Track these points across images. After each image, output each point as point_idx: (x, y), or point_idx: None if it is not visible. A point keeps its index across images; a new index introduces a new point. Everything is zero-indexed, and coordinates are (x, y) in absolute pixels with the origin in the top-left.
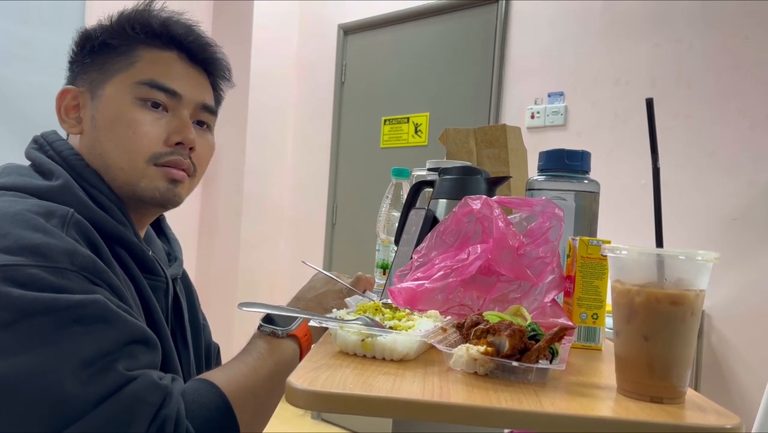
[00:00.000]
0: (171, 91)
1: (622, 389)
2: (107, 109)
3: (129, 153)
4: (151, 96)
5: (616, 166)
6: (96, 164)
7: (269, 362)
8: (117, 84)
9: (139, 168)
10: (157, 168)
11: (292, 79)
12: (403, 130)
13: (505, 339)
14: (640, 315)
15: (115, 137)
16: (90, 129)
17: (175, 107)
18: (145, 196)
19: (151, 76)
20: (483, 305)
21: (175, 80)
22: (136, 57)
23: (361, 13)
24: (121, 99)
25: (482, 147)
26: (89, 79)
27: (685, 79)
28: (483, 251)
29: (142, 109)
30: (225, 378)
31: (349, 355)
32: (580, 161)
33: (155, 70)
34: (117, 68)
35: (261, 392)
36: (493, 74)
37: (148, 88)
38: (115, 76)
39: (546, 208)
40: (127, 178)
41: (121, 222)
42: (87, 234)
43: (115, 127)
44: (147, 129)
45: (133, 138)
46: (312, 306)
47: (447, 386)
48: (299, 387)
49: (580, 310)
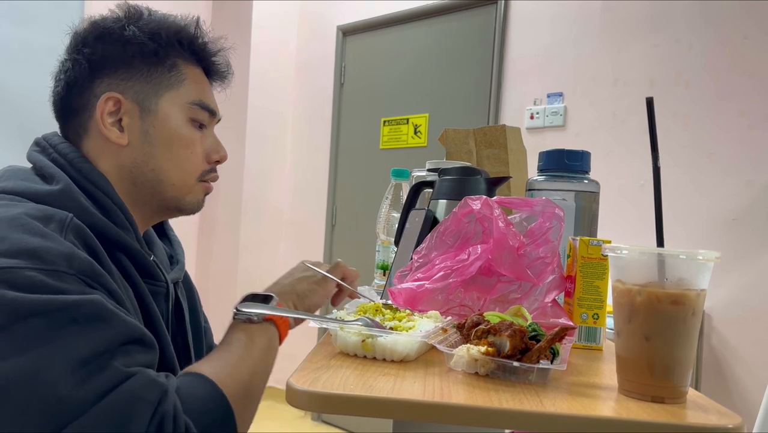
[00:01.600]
0: (212, 111)
1: (624, 389)
2: (165, 128)
3: (184, 171)
4: (199, 117)
5: (616, 167)
6: (142, 178)
7: (252, 349)
8: (171, 102)
9: (189, 185)
10: (201, 184)
11: (291, 81)
12: (403, 131)
13: (506, 339)
14: (641, 315)
15: (173, 156)
16: (141, 143)
17: (209, 124)
18: (186, 208)
19: (199, 96)
20: (483, 305)
21: (210, 98)
22: (183, 74)
23: (360, 14)
24: (178, 118)
25: (482, 147)
26: (135, 89)
27: (683, 79)
28: (483, 251)
29: (193, 129)
30: (214, 369)
31: (349, 356)
32: (580, 161)
33: (199, 89)
34: (167, 84)
35: (250, 380)
36: (492, 75)
37: (198, 109)
38: (167, 92)
39: (546, 209)
40: (177, 193)
41: (124, 227)
42: (85, 239)
43: (173, 147)
44: (199, 149)
45: (190, 158)
46: (286, 291)
47: (448, 387)
48: (300, 388)
49: (581, 310)
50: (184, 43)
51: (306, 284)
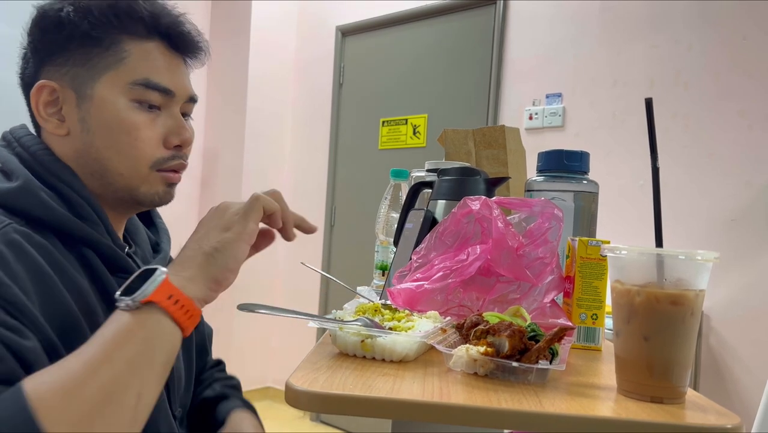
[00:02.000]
0: (165, 90)
1: (623, 389)
2: (102, 114)
3: (131, 159)
4: (146, 98)
5: (615, 167)
6: (89, 168)
7: (114, 352)
8: (108, 84)
9: (141, 174)
10: (158, 173)
11: (290, 81)
12: (402, 131)
13: (505, 340)
14: (640, 315)
15: (114, 144)
16: (80, 132)
17: (167, 105)
18: (144, 201)
19: (144, 74)
20: (482, 305)
21: (166, 76)
22: (124, 51)
23: (359, 14)
24: (116, 102)
25: (481, 148)
26: (71, 74)
27: (683, 80)
28: (482, 251)
29: (139, 111)
30: (40, 380)
31: (348, 356)
32: (579, 162)
33: (146, 66)
34: (104, 65)
35: (103, 397)
36: (491, 75)
37: (143, 89)
38: (104, 75)
39: (545, 209)
40: (127, 183)
41: (91, 220)
42: (18, 248)
43: (113, 134)
44: (147, 134)
45: (134, 144)
46: (189, 255)
47: (447, 387)
48: (299, 388)
49: (580, 310)
50: (122, 17)
51: (215, 234)
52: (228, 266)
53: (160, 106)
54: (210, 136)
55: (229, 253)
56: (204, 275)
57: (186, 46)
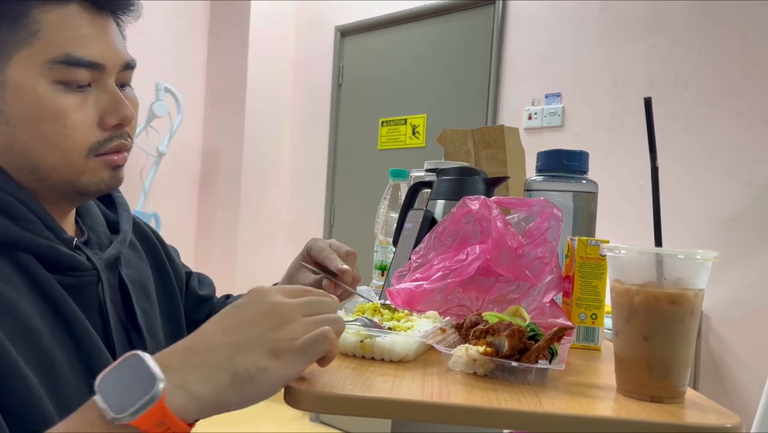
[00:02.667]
0: (93, 64)
1: (622, 389)
2: (21, 102)
3: (63, 150)
4: (71, 77)
5: (614, 167)
6: (17, 164)
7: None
8: (22, 65)
9: (77, 164)
10: (97, 159)
11: (289, 82)
12: (401, 131)
13: (504, 339)
14: (640, 315)
15: (40, 135)
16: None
17: (98, 80)
18: (89, 191)
19: (63, 49)
20: (482, 305)
21: (91, 46)
22: (36, 23)
23: (358, 14)
24: (36, 86)
25: (480, 148)
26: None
27: (682, 80)
28: (481, 251)
29: (64, 94)
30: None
31: (348, 356)
32: (578, 161)
33: (65, 38)
34: (14, 42)
35: None
36: (491, 75)
37: (65, 67)
38: (17, 54)
39: (544, 209)
40: (63, 176)
41: (24, 218)
42: None
43: (37, 123)
44: (77, 118)
45: (63, 133)
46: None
47: (446, 387)
48: (299, 389)
49: (579, 310)
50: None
51: (257, 354)
52: (253, 399)
53: (89, 82)
54: (209, 136)
55: (263, 388)
56: (218, 399)
57: (112, 2)
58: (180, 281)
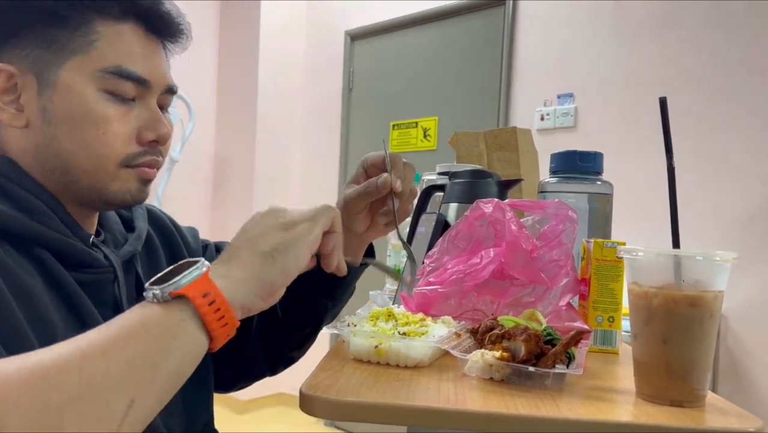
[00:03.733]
0: (141, 80)
1: (641, 392)
2: (67, 103)
3: (98, 156)
4: (118, 88)
5: (627, 168)
6: (49, 165)
7: (111, 339)
8: (75, 71)
9: (109, 172)
10: (129, 170)
11: (300, 87)
12: (412, 134)
13: (520, 344)
14: (658, 318)
15: (79, 138)
16: (40, 123)
17: (142, 96)
18: (114, 200)
19: (116, 61)
20: (497, 309)
21: (141, 64)
22: (94, 34)
23: (368, 19)
24: (84, 91)
25: (492, 150)
26: (32, 57)
27: (695, 79)
28: (496, 254)
29: (109, 103)
30: (10, 360)
31: (362, 362)
32: (592, 162)
33: (119, 51)
34: (71, 48)
35: (71, 380)
36: (502, 77)
37: (115, 78)
38: (71, 59)
39: (559, 211)
40: (93, 182)
41: (41, 212)
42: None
43: (79, 126)
44: (118, 128)
45: (102, 139)
46: (241, 247)
47: (463, 393)
48: (314, 396)
49: (596, 313)
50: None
51: (274, 234)
52: (287, 270)
53: (134, 97)
54: (221, 142)
55: (291, 255)
56: (256, 279)
57: (165, 29)
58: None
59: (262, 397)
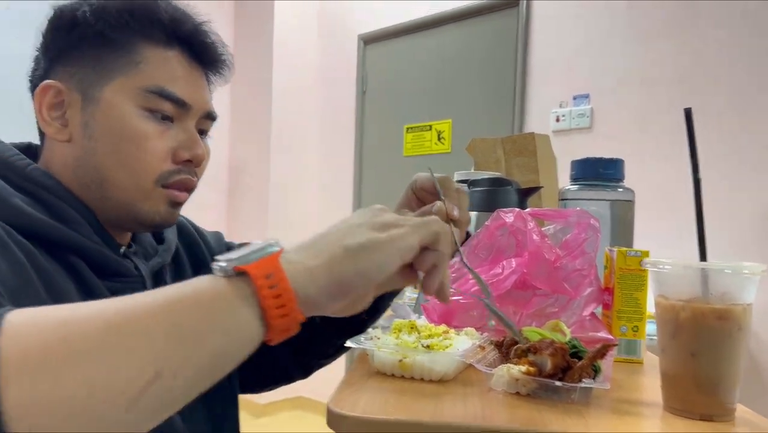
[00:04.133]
0: (181, 102)
1: (669, 406)
2: (108, 119)
3: (134, 172)
4: (159, 107)
5: (645, 168)
6: (87, 178)
7: (158, 303)
8: (119, 89)
9: (144, 190)
10: (162, 190)
11: (314, 91)
12: (426, 137)
13: (547, 358)
14: (686, 331)
15: (117, 153)
16: (82, 138)
17: (181, 117)
18: (144, 219)
19: (159, 82)
20: (520, 320)
21: (182, 87)
22: (140, 57)
23: (381, 22)
24: (125, 108)
25: (511, 156)
26: (79, 75)
27: (713, 76)
28: (518, 265)
29: (148, 121)
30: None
31: (386, 375)
32: (614, 170)
33: (162, 74)
34: (117, 68)
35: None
36: (516, 78)
37: (157, 98)
38: (116, 79)
39: (581, 219)
40: (127, 198)
41: (72, 221)
42: (2, 239)
43: (118, 142)
44: (155, 145)
45: (139, 156)
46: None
47: (490, 408)
48: (341, 413)
49: (620, 322)
50: (141, 19)
51: (364, 231)
52: (367, 272)
53: (173, 117)
54: (235, 148)
55: (376, 257)
56: (331, 272)
57: (208, 59)
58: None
59: (280, 400)
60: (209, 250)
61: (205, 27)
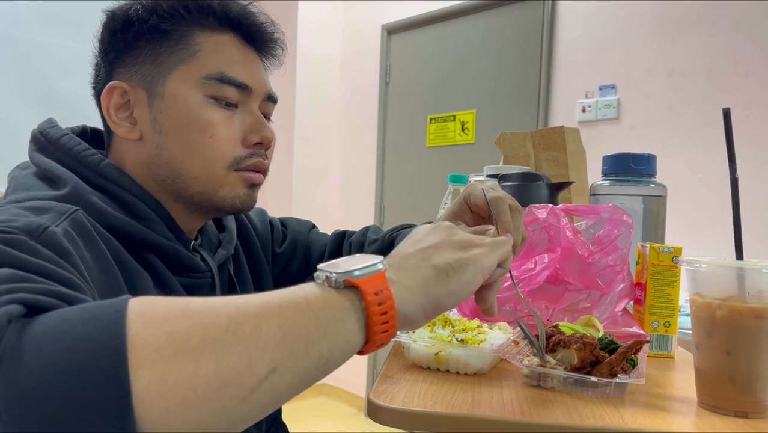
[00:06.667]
0: (242, 86)
1: (704, 402)
2: (174, 111)
3: (206, 160)
4: (222, 93)
5: (672, 160)
6: (161, 174)
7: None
8: (180, 79)
9: (218, 176)
10: (237, 174)
11: (337, 82)
12: (450, 128)
13: (573, 352)
14: (722, 329)
15: (188, 143)
16: (152, 134)
17: (244, 102)
18: (224, 206)
19: (218, 68)
20: (552, 315)
21: (241, 71)
22: (196, 45)
23: (404, 12)
24: (189, 98)
25: (540, 150)
26: (141, 73)
27: (742, 69)
28: (551, 260)
29: (214, 108)
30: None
31: (422, 369)
32: (646, 165)
33: (220, 60)
34: (175, 60)
35: (219, 322)
36: (542, 68)
37: (218, 84)
38: (176, 70)
39: (614, 215)
40: (203, 187)
41: (147, 218)
42: (87, 233)
43: (187, 132)
44: (223, 131)
45: (210, 144)
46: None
47: (526, 402)
48: (383, 405)
49: (652, 318)
50: (192, 9)
51: (448, 250)
52: (457, 292)
53: (237, 103)
54: None
55: (464, 277)
56: (427, 292)
57: (260, 39)
58: (266, 249)
59: None
60: (255, 230)
61: (254, 8)
